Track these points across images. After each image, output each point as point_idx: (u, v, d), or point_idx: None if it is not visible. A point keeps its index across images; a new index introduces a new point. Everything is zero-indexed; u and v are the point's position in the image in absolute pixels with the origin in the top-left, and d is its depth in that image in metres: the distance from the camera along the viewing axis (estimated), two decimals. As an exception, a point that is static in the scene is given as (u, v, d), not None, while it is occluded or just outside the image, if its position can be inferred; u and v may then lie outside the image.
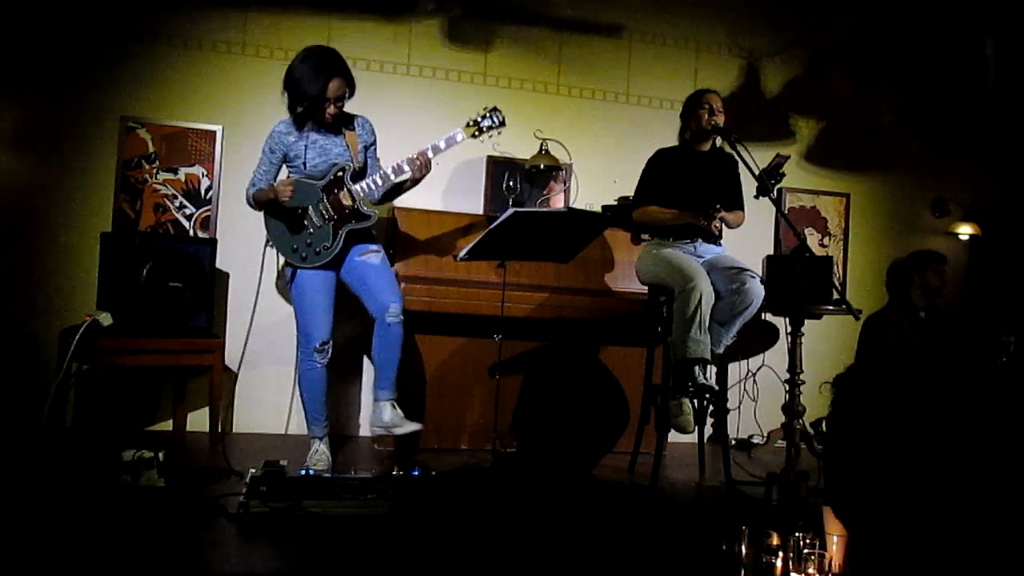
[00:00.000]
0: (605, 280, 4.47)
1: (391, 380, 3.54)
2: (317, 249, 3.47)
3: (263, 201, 3.47)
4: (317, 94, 3.34)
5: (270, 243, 3.52)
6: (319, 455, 3.53)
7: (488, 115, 3.63)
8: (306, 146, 3.49)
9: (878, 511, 0.88)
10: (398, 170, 3.54)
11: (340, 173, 3.50)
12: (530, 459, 1.43)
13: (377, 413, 3.55)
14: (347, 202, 3.48)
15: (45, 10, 4.17)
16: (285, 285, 3.60)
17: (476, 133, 3.62)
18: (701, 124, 3.77)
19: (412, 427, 3.52)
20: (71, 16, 4.21)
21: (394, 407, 3.53)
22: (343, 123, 3.57)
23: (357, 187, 3.50)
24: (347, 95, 3.45)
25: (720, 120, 3.74)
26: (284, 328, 4.12)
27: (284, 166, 3.58)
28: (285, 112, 4.44)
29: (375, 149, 3.71)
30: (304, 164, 3.49)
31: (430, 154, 3.54)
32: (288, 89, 3.42)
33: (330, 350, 3.54)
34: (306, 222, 3.47)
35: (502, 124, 3.65)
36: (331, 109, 3.41)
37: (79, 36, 4.22)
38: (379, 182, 3.53)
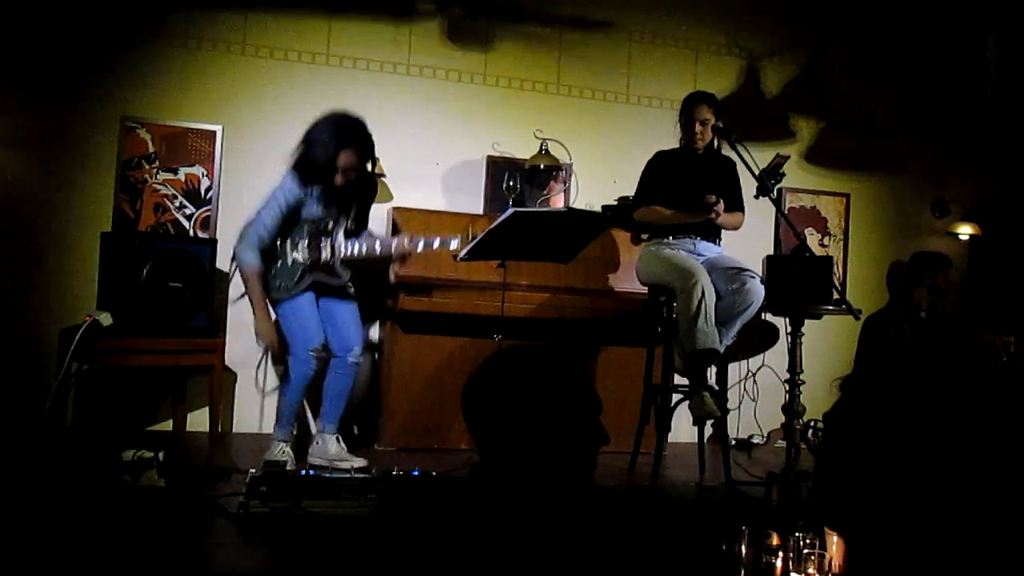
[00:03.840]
0: (605, 280, 4.47)
1: (339, 415, 3.59)
2: (279, 284, 3.44)
3: (249, 294, 3.43)
4: (326, 164, 3.34)
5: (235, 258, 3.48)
6: (286, 455, 3.47)
7: None
8: (310, 195, 3.43)
9: (877, 514, 0.88)
10: (385, 247, 3.52)
11: (331, 225, 3.48)
12: (504, 462, 1.41)
13: (321, 445, 3.56)
14: (325, 254, 3.47)
15: (45, 10, 4.17)
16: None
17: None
18: (686, 137, 3.81)
19: (358, 462, 3.48)
20: (71, 16, 4.20)
21: (339, 441, 3.57)
22: (356, 183, 3.52)
23: (341, 244, 3.48)
24: (359, 167, 3.42)
25: (706, 138, 3.76)
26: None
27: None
28: (283, 113, 4.48)
29: (369, 206, 3.69)
30: (304, 211, 3.45)
31: (420, 247, 3.49)
32: (303, 148, 3.39)
33: (324, 356, 3.52)
34: (278, 253, 3.44)
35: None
36: (339, 179, 3.39)
37: (79, 36, 4.22)
38: (363, 251, 3.52)
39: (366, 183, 3.64)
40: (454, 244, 3.47)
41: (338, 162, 3.34)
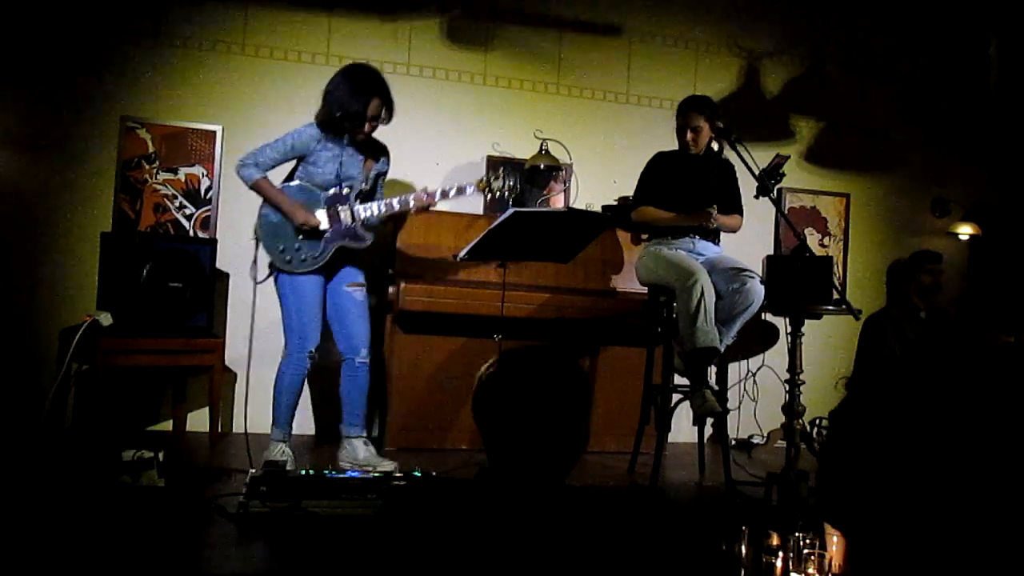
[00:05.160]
0: (605, 280, 4.47)
1: (362, 418, 3.55)
2: (304, 256, 3.41)
3: (269, 200, 3.43)
4: (357, 111, 3.37)
5: (257, 236, 3.45)
6: (285, 455, 3.41)
7: (502, 177, 3.62)
8: (323, 152, 3.45)
9: (882, 511, 0.88)
10: (404, 203, 3.51)
11: (347, 190, 3.47)
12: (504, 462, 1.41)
13: (350, 450, 3.52)
14: (346, 219, 3.46)
15: (45, 10, 4.17)
16: (255, 278, 3.43)
17: (487, 189, 3.62)
18: (680, 142, 3.82)
19: (387, 465, 3.42)
20: (71, 16, 4.20)
21: (367, 444, 3.53)
22: (369, 146, 3.56)
23: (360, 207, 3.49)
24: (383, 117, 3.46)
25: (699, 144, 3.76)
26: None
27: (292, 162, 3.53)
28: (284, 112, 4.46)
29: (384, 179, 3.70)
30: (316, 169, 3.45)
31: (438, 197, 3.53)
32: (327, 100, 3.41)
33: (317, 358, 3.51)
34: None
35: (513, 188, 3.64)
36: (367, 128, 3.44)
37: (79, 36, 4.22)
38: (382, 210, 3.51)
39: (377, 148, 3.62)
40: (470, 190, 3.57)
41: (369, 110, 3.38)
